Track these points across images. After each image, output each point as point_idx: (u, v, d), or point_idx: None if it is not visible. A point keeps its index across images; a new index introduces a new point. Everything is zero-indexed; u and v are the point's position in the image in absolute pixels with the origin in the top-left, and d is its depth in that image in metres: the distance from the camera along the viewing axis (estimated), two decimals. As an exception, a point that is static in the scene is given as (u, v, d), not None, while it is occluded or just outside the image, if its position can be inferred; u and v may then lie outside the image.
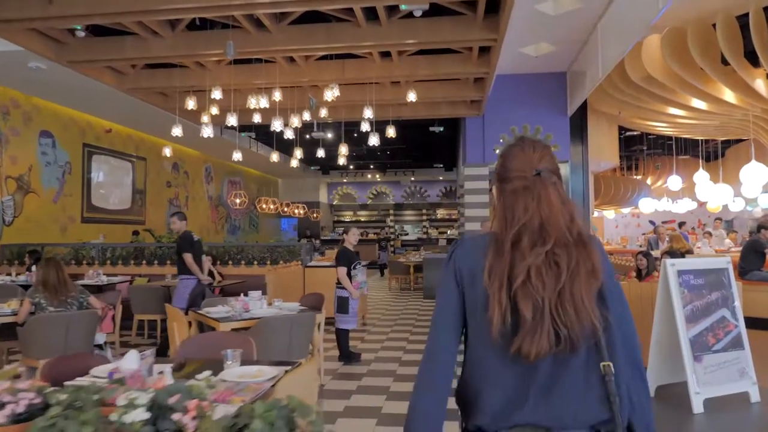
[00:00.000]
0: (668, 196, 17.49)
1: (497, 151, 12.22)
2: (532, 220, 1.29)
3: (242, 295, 4.86)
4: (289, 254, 8.84)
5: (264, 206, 15.94)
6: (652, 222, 23.29)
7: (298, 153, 10.25)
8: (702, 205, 16.58)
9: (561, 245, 1.27)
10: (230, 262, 8.73)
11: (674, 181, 11.75)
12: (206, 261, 7.23)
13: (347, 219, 26.58)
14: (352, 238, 6.29)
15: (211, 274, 8.40)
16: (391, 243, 24.54)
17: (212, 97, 7.85)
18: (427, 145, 17.60)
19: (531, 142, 1.42)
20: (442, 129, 13.21)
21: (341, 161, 10.22)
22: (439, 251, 18.07)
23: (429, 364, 1.35)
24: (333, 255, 15.76)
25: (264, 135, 15.66)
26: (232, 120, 7.50)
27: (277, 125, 7.18)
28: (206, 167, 17.29)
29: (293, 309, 4.88)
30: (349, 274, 6.17)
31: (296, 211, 19.17)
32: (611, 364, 1.24)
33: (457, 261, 1.36)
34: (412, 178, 24.58)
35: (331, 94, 7.34)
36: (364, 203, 25.94)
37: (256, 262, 8.64)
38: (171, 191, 15.10)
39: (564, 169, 12.10)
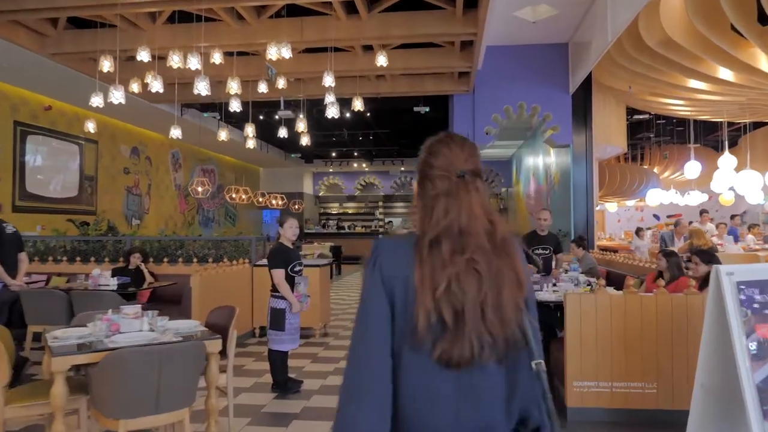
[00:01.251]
0: (676, 188, 16.09)
1: (492, 133, 10.78)
2: (452, 225, 1.24)
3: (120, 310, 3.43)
4: (236, 251, 7.40)
5: (234, 196, 14.47)
6: (656, 216, 21.88)
7: (250, 130, 8.78)
8: (713, 197, 15.19)
9: (481, 253, 1.23)
10: (166, 260, 7.30)
11: (692, 168, 10.29)
12: (23, 260, 5.81)
13: (334, 211, 25.13)
14: (288, 232, 4.86)
15: (140, 274, 6.99)
16: (380, 237, 23.12)
17: (139, 59, 6.37)
18: (414, 131, 16.13)
19: (460, 140, 1.38)
20: (428, 109, 11.75)
21: (303, 141, 8.74)
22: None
23: (367, 396, 1.19)
24: (312, 250, 14.36)
25: (234, 118, 14.20)
26: (156, 85, 6.04)
27: (201, 88, 5.68)
28: (173, 153, 15.83)
29: (187, 330, 3.46)
30: (291, 280, 4.75)
31: (274, 201, 17.72)
32: (543, 362, 1.24)
33: (383, 263, 1.27)
34: (402, 168, 23.11)
35: (282, 51, 5.88)
36: (352, 194, 24.50)
37: (196, 260, 7.22)
38: (129, 178, 13.64)
39: (565, 155, 10.67)
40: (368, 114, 12.40)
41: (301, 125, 8.77)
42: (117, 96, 5.97)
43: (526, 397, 1.25)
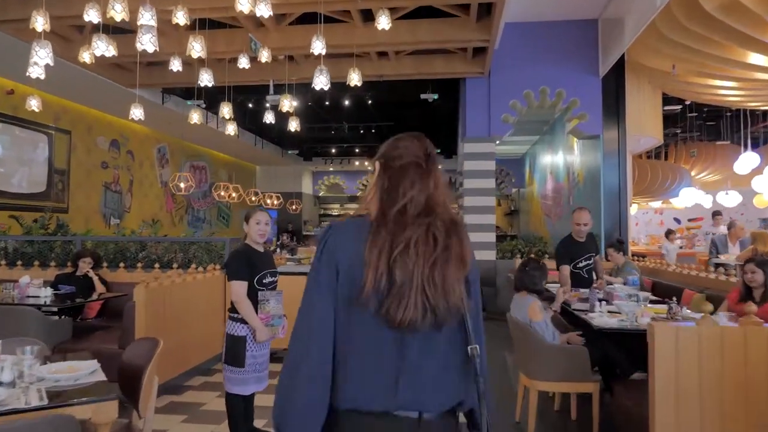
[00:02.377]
0: (704, 188, 14.78)
1: (510, 122, 9.49)
2: (420, 194, 1.34)
3: None
4: (209, 255, 6.14)
5: (223, 194, 13.22)
6: (677, 220, 20.54)
7: (227, 111, 7.54)
8: (743, 199, 13.86)
9: (441, 222, 1.32)
10: (122, 265, 6.05)
11: (747, 161, 8.93)
12: None
13: (335, 212, 23.87)
14: (254, 229, 3.59)
15: (89, 282, 5.76)
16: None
17: (87, 19, 5.11)
18: (421, 124, 14.85)
19: (420, 135, 1.50)
20: (436, 97, 10.49)
21: (293, 126, 7.49)
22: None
23: (313, 365, 1.27)
24: (309, 253, 13.11)
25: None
26: (101, 47, 4.78)
27: (145, 42, 4.36)
28: (159, 148, 14.60)
29: (70, 382, 2.20)
30: (254, 296, 3.48)
31: (269, 201, 16.47)
32: (477, 347, 1.31)
33: (332, 244, 1.34)
34: (407, 167, 21.83)
35: (261, 8, 4.62)
36: (354, 195, 23.23)
37: (158, 266, 5.96)
38: (108, 173, 12.42)
39: (593, 149, 9.37)
40: (369, 101, 11.15)
41: (287, 104, 7.49)
42: (41, 55, 4.66)
43: (460, 380, 1.32)
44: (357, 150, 18.05)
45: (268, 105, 7.99)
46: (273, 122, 7.68)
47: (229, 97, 9.00)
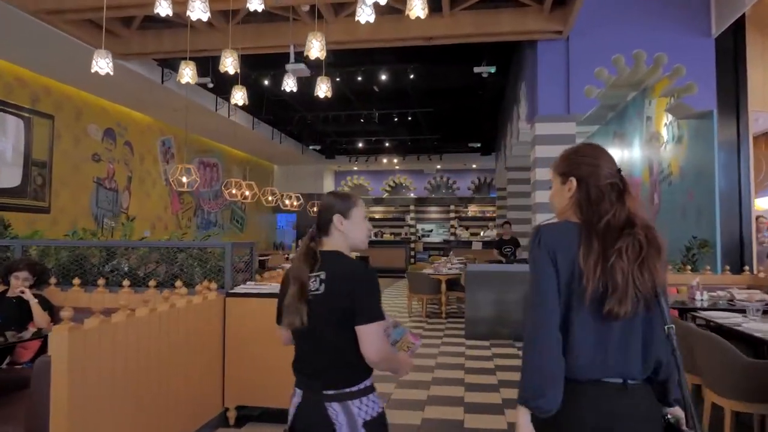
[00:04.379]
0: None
1: (594, 96, 7.36)
2: (621, 211, 1.58)
3: None
4: (202, 267, 4.22)
5: (235, 192, 11.38)
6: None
7: (239, 95, 5.67)
8: None
9: (641, 230, 1.56)
10: (76, 282, 4.16)
11: None
12: None
13: (358, 216, 21.93)
14: (361, 230, 2.01)
15: (23, 308, 3.90)
16: (412, 246, 19.90)
17: None
18: (465, 110, 12.88)
19: (606, 151, 1.71)
20: (493, 70, 8.52)
21: (322, 91, 5.55)
22: (473, 257, 13.42)
23: (553, 336, 1.53)
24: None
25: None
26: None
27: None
28: (163, 140, 12.83)
29: None
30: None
31: (287, 202, 14.63)
32: (673, 326, 1.57)
33: (547, 244, 1.58)
34: (438, 166, 19.88)
35: None
36: (380, 197, 21.32)
37: (127, 282, 4.06)
38: (100, 168, 10.65)
39: (698, 132, 7.35)
40: (411, 75, 9.18)
41: (323, 86, 5.61)
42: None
43: (660, 353, 1.57)
44: (387, 144, 16.05)
45: (288, 71, 6.09)
46: (295, 90, 5.73)
47: (241, 74, 7.17)
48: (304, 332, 1.81)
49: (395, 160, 18.31)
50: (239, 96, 5.67)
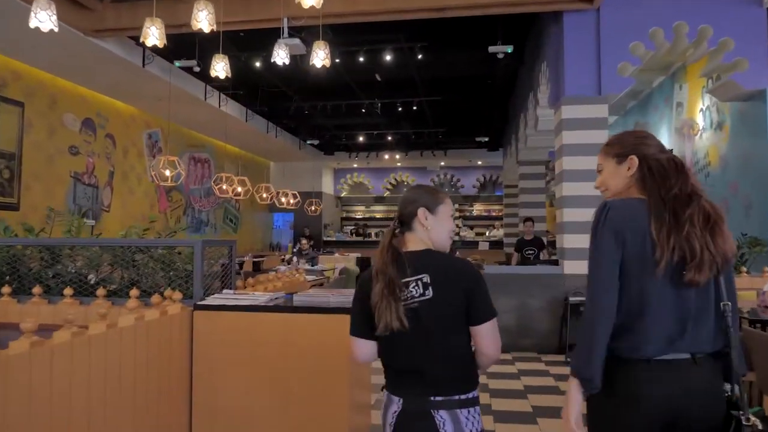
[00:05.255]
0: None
1: (629, 74, 6.21)
2: (684, 186, 1.61)
3: None
4: (165, 272, 3.33)
5: (226, 187, 10.50)
6: None
7: (221, 66, 4.78)
8: None
9: (705, 201, 1.60)
10: (5, 291, 3.28)
11: None
12: None
13: (359, 215, 21.08)
14: (447, 228, 1.89)
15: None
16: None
17: None
18: (476, 98, 11.99)
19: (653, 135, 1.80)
20: (510, 49, 7.65)
21: (319, 60, 4.67)
22: (481, 258, 12.55)
23: (603, 318, 1.56)
24: (333, 263, 10.34)
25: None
26: None
27: None
28: (149, 133, 11.94)
29: None
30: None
31: (283, 200, 13.74)
32: (729, 304, 1.59)
33: (614, 221, 1.59)
34: (442, 163, 19.01)
35: None
36: (381, 195, 20.44)
37: (69, 291, 3.18)
38: (78, 162, 9.76)
39: (744, 116, 6.49)
40: (418, 56, 8.29)
41: (320, 53, 4.74)
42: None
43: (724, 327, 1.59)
44: (389, 138, 15.10)
45: (281, 47, 5.18)
46: (286, 62, 4.85)
47: (230, 57, 6.31)
48: (404, 337, 1.66)
49: (397, 156, 17.42)
50: (220, 67, 4.79)
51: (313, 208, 15.98)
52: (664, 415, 1.52)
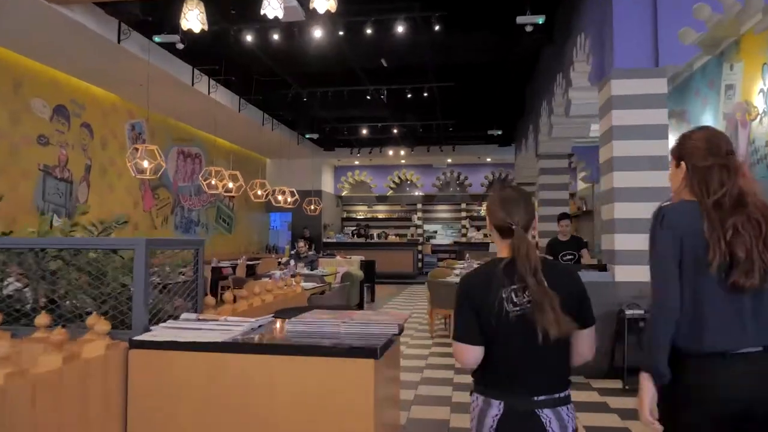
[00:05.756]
0: None
1: (692, 41, 5.23)
2: (732, 190, 1.67)
3: None
4: (96, 290, 2.21)
5: (215, 182, 9.42)
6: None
7: (194, 14, 3.73)
8: None
9: (756, 208, 1.67)
10: None
11: None
12: None
13: (360, 215, 20.00)
14: None
15: None
16: (419, 248, 17.97)
17: None
18: (488, 87, 10.93)
19: (715, 129, 1.86)
20: (541, 20, 6.60)
21: (321, 4, 3.59)
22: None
23: (668, 319, 1.67)
24: (334, 267, 9.25)
25: (211, 60, 9.20)
26: None
27: None
28: (133, 124, 10.86)
29: None
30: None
31: (280, 198, 12.66)
32: None
33: (673, 223, 1.70)
34: (449, 160, 17.95)
35: None
36: (383, 194, 19.35)
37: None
38: (49, 153, 8.68)
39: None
40: (435, 27, 7.16)
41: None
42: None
43: None
44: (394, 132, 13.96)
45: (274, 11, 4.11)
46: (280, 16, 3.78)
47: (216, 32, 5.25)
48: (516, 342, 1.69)
49: (402, 152, 16.34)
50: (193, 16, 3.77)
51: (312, 208, 14.91)
52: (737, 405, 1.59)
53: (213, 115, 11.05)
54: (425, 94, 10.11)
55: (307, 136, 14.84)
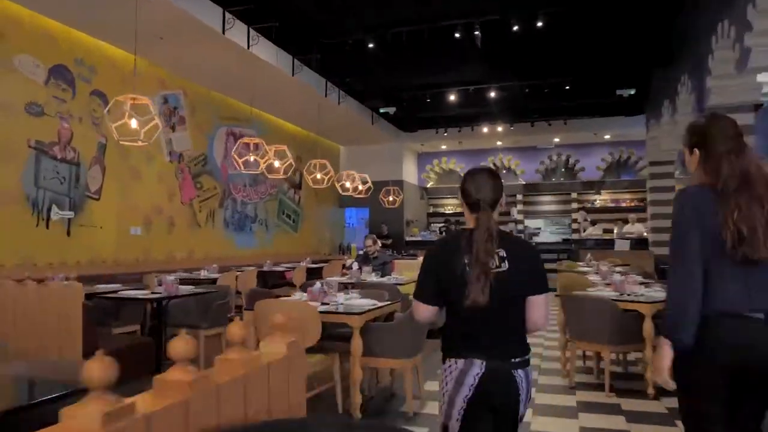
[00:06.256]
0: None
1: None
2: (738, 172, 1.86)
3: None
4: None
5: (254, 159, 7.10)
6: None
7: None
8: None
9: (760, 185, 1.85)
10: None
11: None
12: None
13: (449, 210, 17.22)
14: None
15: None
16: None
17: None
18: (620, 22, 7.84)
19: (722, 116, 2.03)
20: None
21: None
22: (621, 263, 8.44)
23: (692, 288, 1.86)
24: (413, 273, 6.66)
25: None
26: None
27: None
28: (166, 96, 8.82)
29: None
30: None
31: (348, 185, 10.24)
32: None
33: (692, 205, 1.90)
34: (557, 139, 14.77)
35: None
36: (476, 185, 16.44)
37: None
38: (43, 125, 6.74)
39: None
40: None
41: None
42: None
43: None
44: (491, 95, 10.86)
45: None
46: None
47: None
48: (481, 308, 1.87)
49: (500, 128, 13.37)
50: None
51: (390, 199, 12.39)
52: (738, 360, 1.82)
53: (255, 78, 8.75)
54: (539, 24, 7.17)
55: (382, 110, 12.27)
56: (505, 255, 1.89)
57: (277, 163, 7.38)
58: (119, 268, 7.56)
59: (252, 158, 7.09)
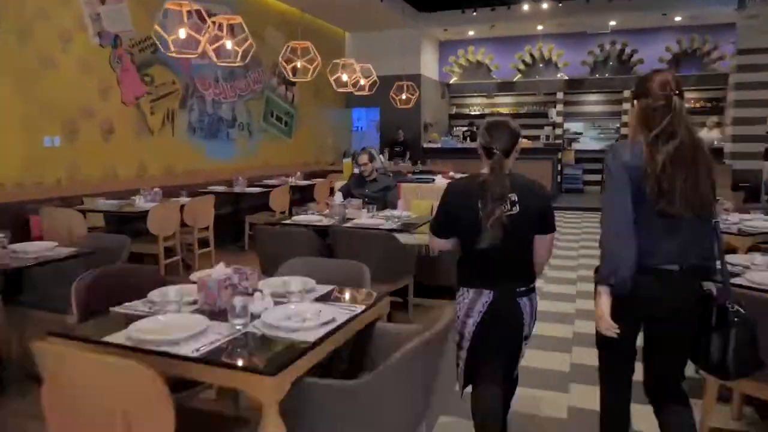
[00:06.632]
0: None
1: None
2: (667, 127, 1.89)
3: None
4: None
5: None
6: None
7: None
8: None
9: (687, 146, 1.89)
10: None
11: None
12: None
13: (476, 111, 14.70)
14: None
15: None
16: (558, 157, 12.58)
17: None
18: None
19: (668, 71, 2.01)
20: None
21: None
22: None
23: (625, 236, 1.92)
24: (432, 204, 4.58)
25: None
26: None
27: None
28: (85, -51, 6.31)
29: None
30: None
31: (345, 78, 7.85)
32: (718, 221, 2.00)
33: (621, 158, 1.94)
34: (613, 22, 11.88)
35: None
36: (508, 80, 13.79)
37: None
38: None
39: None
40: None
41: None
42: None
43: (706, 245, 1.97)
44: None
45: None
46: None
47: None
48: (495, 245, 2.09)
49: (545, 5, 10.55)
50: None
51: (403, 97, 9.98)
52: (651, 309, 1.98)
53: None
54: None
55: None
56: (516, 199, 2.13)
57: (229, 44, 5.05)
58: (28, 193, 5.58)
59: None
